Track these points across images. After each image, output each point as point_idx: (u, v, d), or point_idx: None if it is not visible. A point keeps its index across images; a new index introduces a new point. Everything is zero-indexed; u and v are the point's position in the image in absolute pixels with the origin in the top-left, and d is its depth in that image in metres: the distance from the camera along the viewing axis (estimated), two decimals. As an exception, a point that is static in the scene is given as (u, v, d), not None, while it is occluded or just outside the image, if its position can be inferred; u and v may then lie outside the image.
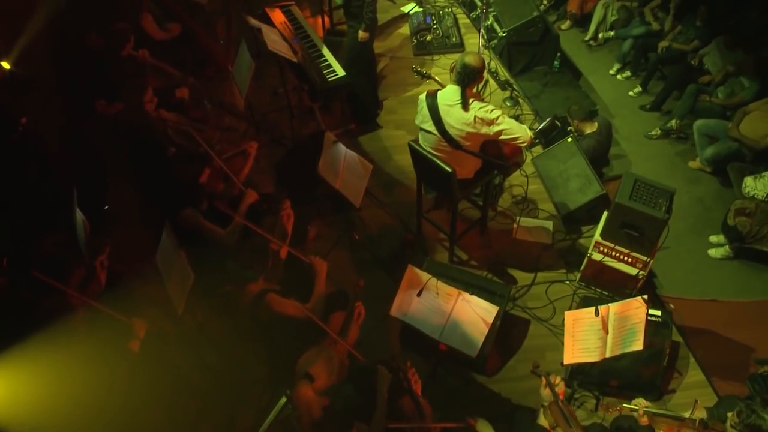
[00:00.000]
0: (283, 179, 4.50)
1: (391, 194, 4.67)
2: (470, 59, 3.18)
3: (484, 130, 3.26)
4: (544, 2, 7.25)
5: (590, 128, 4.90)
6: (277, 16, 4.75)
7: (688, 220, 4.78)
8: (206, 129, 4.17)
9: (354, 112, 4.89)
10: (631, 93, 6.08)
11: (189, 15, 5.02)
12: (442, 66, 5.51)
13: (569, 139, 4.42)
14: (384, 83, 5.48)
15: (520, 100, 5.12)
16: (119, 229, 4.04)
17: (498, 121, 3.22)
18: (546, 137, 4.87)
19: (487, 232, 4.33)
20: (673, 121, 5.43)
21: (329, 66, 4.40)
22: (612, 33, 6.68)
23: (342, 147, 3.59)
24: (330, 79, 4.35)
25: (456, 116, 3.27)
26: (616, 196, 3.67)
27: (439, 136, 3.34)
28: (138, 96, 3.86)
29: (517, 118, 4.79)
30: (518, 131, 3.28)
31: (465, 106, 3.20)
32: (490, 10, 5.85)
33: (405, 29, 5.96)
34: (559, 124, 4.55)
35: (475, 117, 3.23)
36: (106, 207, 4.20)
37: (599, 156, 4.93)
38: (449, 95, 3.30)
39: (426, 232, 4.32)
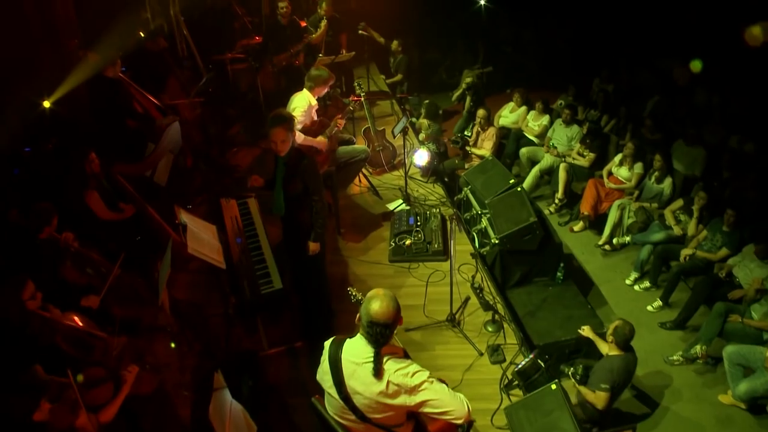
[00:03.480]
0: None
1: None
2: (377, 311, 2.67)
3: (401, 400, 2.74)
4: (556, 201, 7.73)
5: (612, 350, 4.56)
6: (231, 209, 5.10)
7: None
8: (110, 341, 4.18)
9: (305, 326, 4.90)
10: (650, 307, 6.06)
11: (146, 197, 5.38)
12: (418, 276, 5.63)
13: (553, 386, 4.06)
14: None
15: (505, 325, 5.03)
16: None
17: (422, 388, 2.73)
18: (525, 380, 4.28)
19: None
20: (698, 347, 5.26)
21: (267, 275, 4.52)
22: (629, 238, 6.90)
23: (228, 396, 3.46)
24: (263, 291, 4.41)
25: (363, 380, 2.76)
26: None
27: (341, 402, 2.85)
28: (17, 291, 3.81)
29: (497, 349, 4.70)
30: (450, 403, 2.75)
31: (378, 371, 2.72)
32: (484, 211, 6.17)
33: (385, 230, 6.27)
34: (542, 364, 4.25)
35: (389, 383, 2.72)
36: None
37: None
38: (358, 349, 2.79)
39: None
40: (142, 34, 6.68)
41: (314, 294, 4.75)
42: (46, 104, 5.30)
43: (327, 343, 2.95)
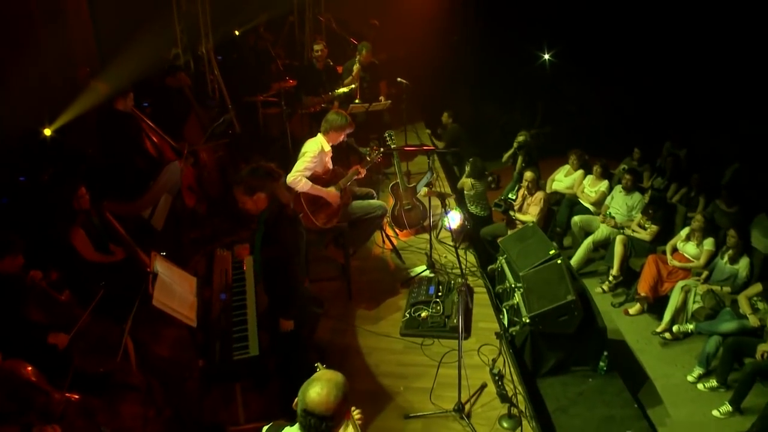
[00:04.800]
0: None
1: None
2: (314, 399, 2.38)
3: None
4: (610, 278, 7.21)
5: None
6: (224, 261, 4.86)
7: None
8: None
9: (285, 401, 4.53)
10: (716, 412, 5.40)
11: (139, 241, 5.25)
12: (430, 354, 5.16)
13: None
14: (350, 365, 5.14)
15: (524, 422, 4.38)
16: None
17: None
18: None
19: None
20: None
21: (245, 339, 4.22)
22: (693, 326, 6.31)
23: None
24: (236, 356, 4.12)
25: None
26: None
27: None
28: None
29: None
30: None
31: None
32: (518, 285, 5.74)
33: (402, 298, 5.90)
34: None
35: None
36: None
37: None
38: None
39: None
40: (165, 67, 6.76)
41: (296, 367, 4.38)
42: (47, 132, 5.33)
43: (264, 429, 2.73)
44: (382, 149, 6.14)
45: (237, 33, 8.83)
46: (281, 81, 7.98)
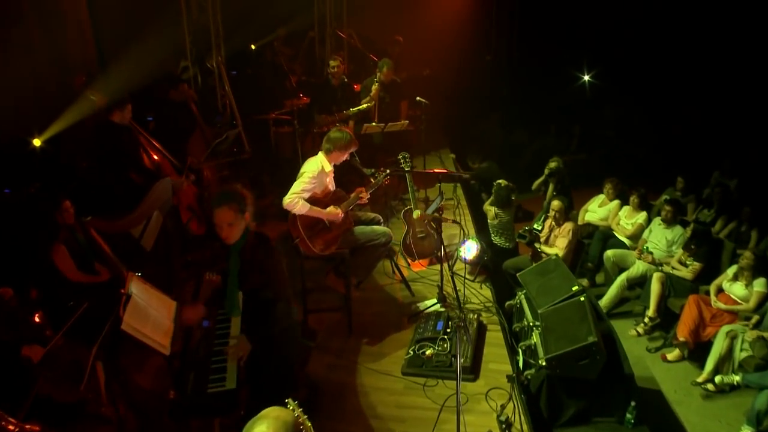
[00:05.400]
0: None
1: None
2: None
3: None
4: (646, 320, 6.92)
5: None
6: (212, 285, 4.58)
7: None
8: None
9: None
10: None
11: (128, 261, 5.13)
12: (433, 397, 4.80)
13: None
14: (344, 404, 4.87)
15: None
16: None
17: None
18: None
19: None
20: None
21: (223, 370, 4.03)
22: (739, 377, 5.86)
23: None
24: (210, 388, 3.93)
25: None
26: None
27: None
28: None
29: None
30: None
31: None
32: (536, 324, 5.43)
33: (408, 333, 5.61)
34: None
35: None
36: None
37: None
38: None
39: None
40: (169, 79, 6.70)
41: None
42: (36, 143, 5.27)
43: None
44: (388, 171, 5.89)
45: (253, 47, 8.79)
46: (295, 98, 7.86)
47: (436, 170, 6.78)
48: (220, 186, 7.10)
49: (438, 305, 5.92)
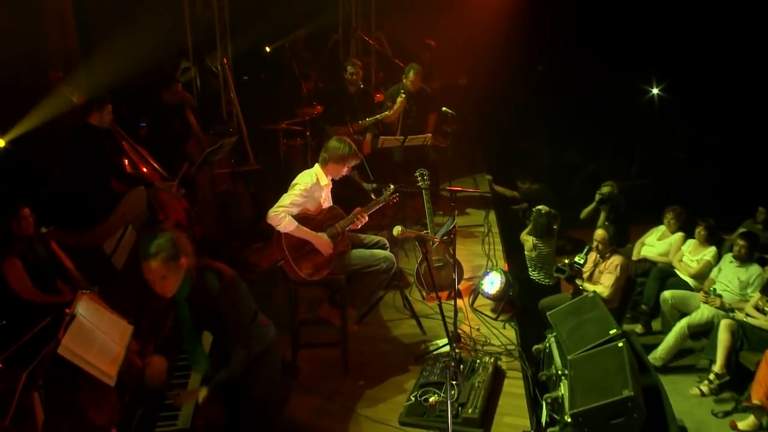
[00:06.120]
0: None
1: None
2: None
3: None
4: (711, 377, 6.56)
5: None
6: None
7: None
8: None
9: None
10: None
11: (94, 280, 5.15)
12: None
13: None
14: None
15: None
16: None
17: None
18: None
19: None
20: None
21: (176, 409, 3.96)
22: None
23: None
24: (158, 427, 3.88)
25: None
26: None
27: None
28: None
29: None
30: None
31: None
32: (565, 372, 5.24)
33: (413, 376, 5.49)
34: None
35: None
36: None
37: None
38: None
39: None
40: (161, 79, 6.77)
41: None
42: (0, 143, 5.34)
43: None
44: (391, 186, 5.73)
45: (268, 49, 8.85)
46: (308, 107, 7.85)
47: (452, 188, 6.59)
48: (217, 203, 7.12)
49: (447, 345, 5.69)
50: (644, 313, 7.36)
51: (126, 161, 6.02)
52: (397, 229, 5.40)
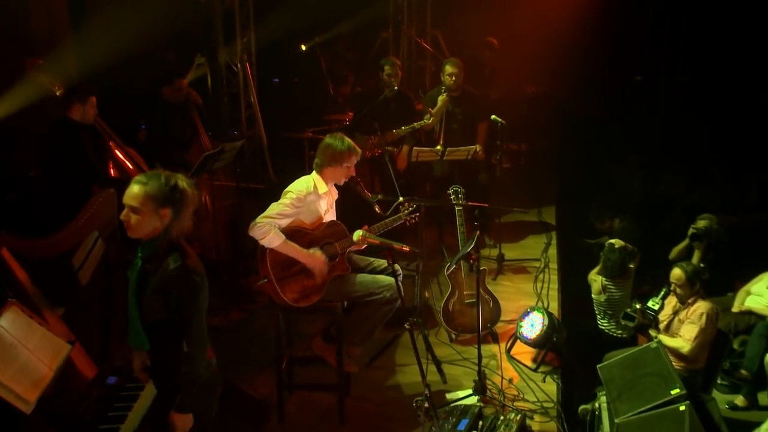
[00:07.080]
0: None
1: None
2: None
3: None
4: None
5: None
6: None
7: None
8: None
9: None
10: None
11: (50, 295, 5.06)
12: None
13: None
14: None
15: None
16: None
17: None
18: None
19: None
20: None
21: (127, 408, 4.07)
22: None
23: None
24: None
25: None
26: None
27: None
28: None
29: None
30: None
31: None
32: (600, 393, 5.36)
33: None
34: None
35: None
36: None
37: None
38: None
39: None
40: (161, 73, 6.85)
41: None
42: None
43: None
44: (401, 200, 5.56)
45: (303, 48, 8.89)
46: (338, 112, 7.82)
47: (475, 203, 6.38)
48: (221, 218, 7.11)
49: (474, 398, 5.54)
50: (746, 381, 6.87)
51: (111, 164, 6.07)
52: (358, 234, 5.20)
